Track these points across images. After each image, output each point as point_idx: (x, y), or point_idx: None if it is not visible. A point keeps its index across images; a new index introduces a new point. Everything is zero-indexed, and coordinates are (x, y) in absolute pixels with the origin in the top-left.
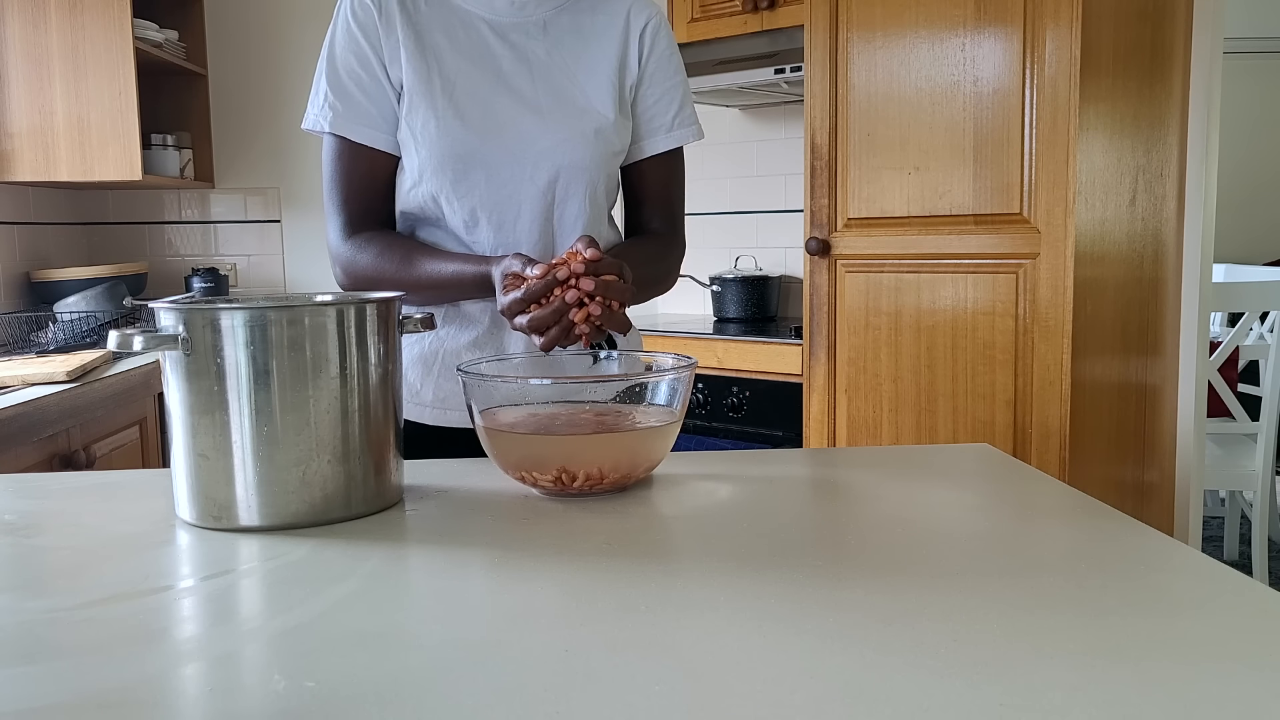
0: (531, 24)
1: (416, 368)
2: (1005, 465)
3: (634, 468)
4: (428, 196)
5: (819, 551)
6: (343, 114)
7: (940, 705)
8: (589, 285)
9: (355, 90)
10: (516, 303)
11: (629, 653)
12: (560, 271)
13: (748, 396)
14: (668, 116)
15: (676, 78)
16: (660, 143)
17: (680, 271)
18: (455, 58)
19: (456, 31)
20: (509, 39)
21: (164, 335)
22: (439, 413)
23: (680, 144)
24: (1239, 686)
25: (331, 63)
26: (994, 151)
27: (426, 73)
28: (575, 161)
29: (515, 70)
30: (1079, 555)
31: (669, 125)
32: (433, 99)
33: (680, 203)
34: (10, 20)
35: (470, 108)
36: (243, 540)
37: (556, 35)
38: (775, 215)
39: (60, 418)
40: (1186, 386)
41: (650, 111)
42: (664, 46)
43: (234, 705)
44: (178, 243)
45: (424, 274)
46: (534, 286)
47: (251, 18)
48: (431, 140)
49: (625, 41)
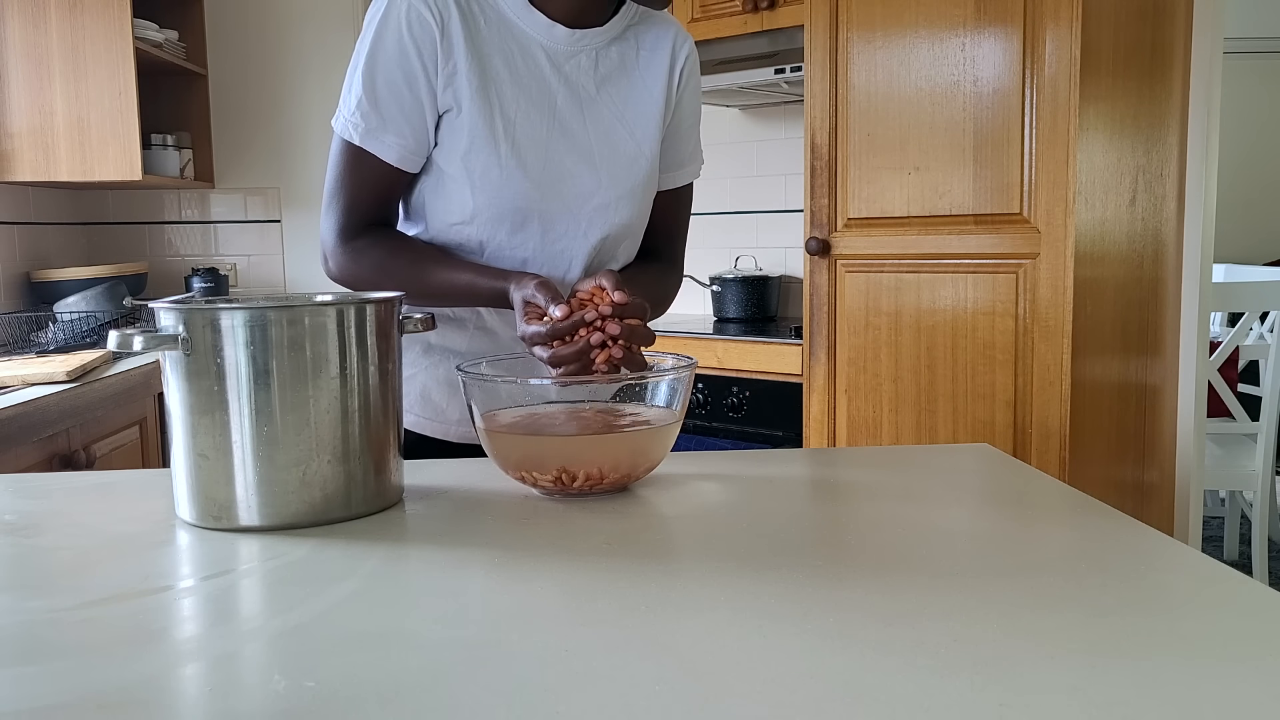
0: (584, 55)
1: (443, 389)
2: (1005, 465)
3: (634, 468)
4: (474, 239)
5: (819, 551)
6: (375, 128)
7: (940, 705)
8: (615, 330)
9: (393, 106)
10: (539, 335)
11: (629, 653)
12: (588, 314)
13: (748, 396)
14: (686, 151)
15: (699, 112)
16: (677, 177)
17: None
18: (515, 92)
19: (515, 59)
20: (563, 70)
21: (164, 335)
22: (464, 430)
23: (694, 178)
24: (1239, 686)
25: (371, 70)
26: (994, 151)
27: (489, 111)
28: (626, 220)
29: (569, 109)
30: (1079, 555)
31: (685, 160)
32: (495, 144)
33: (683, 235)
34: (10, 20)
35: (532, 157)
36: (243, 540)
37: (605, 70)
38: (775, 215)
39: (60, 418)
40: (1186, 386)
41: (672, 145)
42: (696, 81)
43: (234, 705)
44: (178, 243)
45: (435, 281)
46: (559, 327)
47: (251, 18)
48: (493, 189)
49: (670, 77)
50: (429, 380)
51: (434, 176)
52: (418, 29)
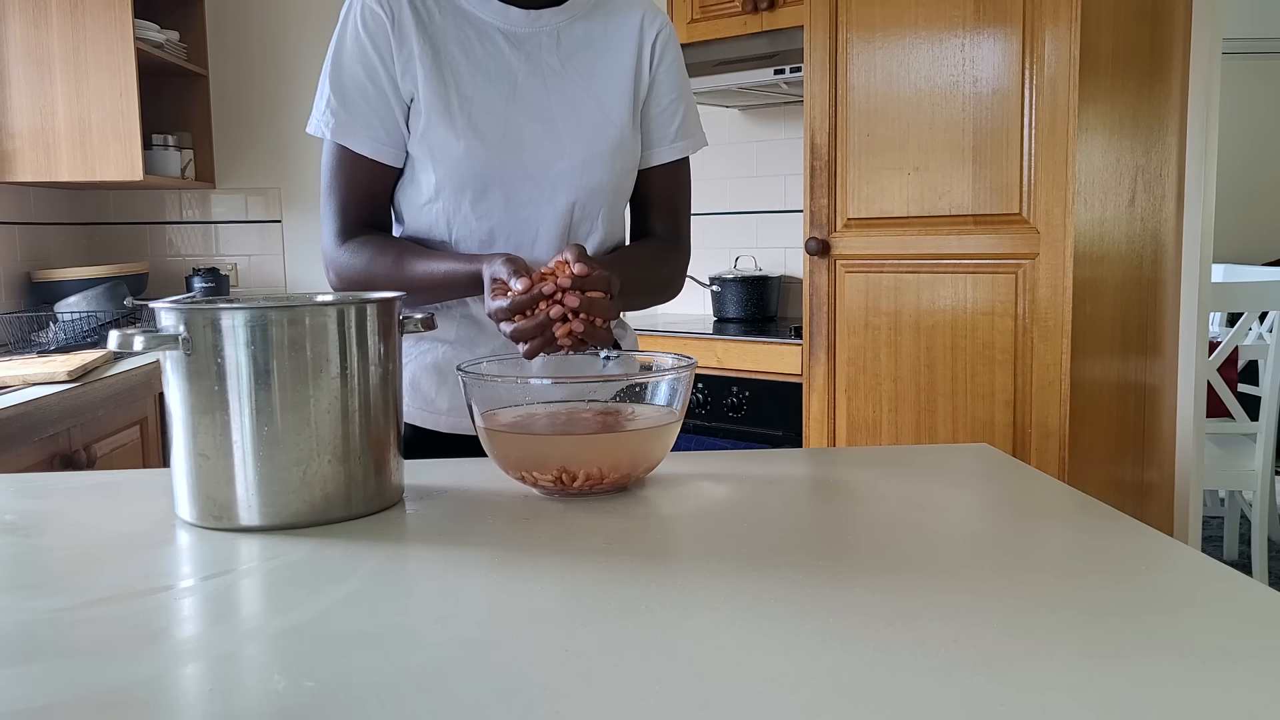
0: (545, 34)
1: (431, 377)
2: (1005, 465)
3: (634, 468)
4: (441, 216)
5: (819, 551)
6: (345, 123)
7: (940, 705)
8: (573, 302)
9: (359, 100)
10: (501, 311)
11: (629, 653)
12: (545, 286)
13: (748, 396)
14: (673, 126)
15: (683, 88)
16: (665, 153)
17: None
18: (472, 72)
19: (472, 43)
20: (524, 49)
21: (164, 335)
22: (454, 420)
23: (684, 154)
24: (1239, 686)
25: (337, 69)
26: (993, 152)
27: (443, 89)
28: (594, 184)
29: (531, 84)
30: (1079, 555)
31: (673, 135)
32: (451, 118)
33: (685, 211)
34: (11, 20)
35: (489, 127)
36: (243, 540)
37: (570, 46)
38: (775, 215)
39: (61, 418)
40: (1186, 386)
41: (656, 121)
42: (673, 56)
43: (234, 705)
44: (178, 243)
45: (417, 274)
46: (518, 300)
47: (252, 18)
48: (452, 160)
49: (639, 51)
50: (418, 369)
51: (407, 170)
52: (371, 24)
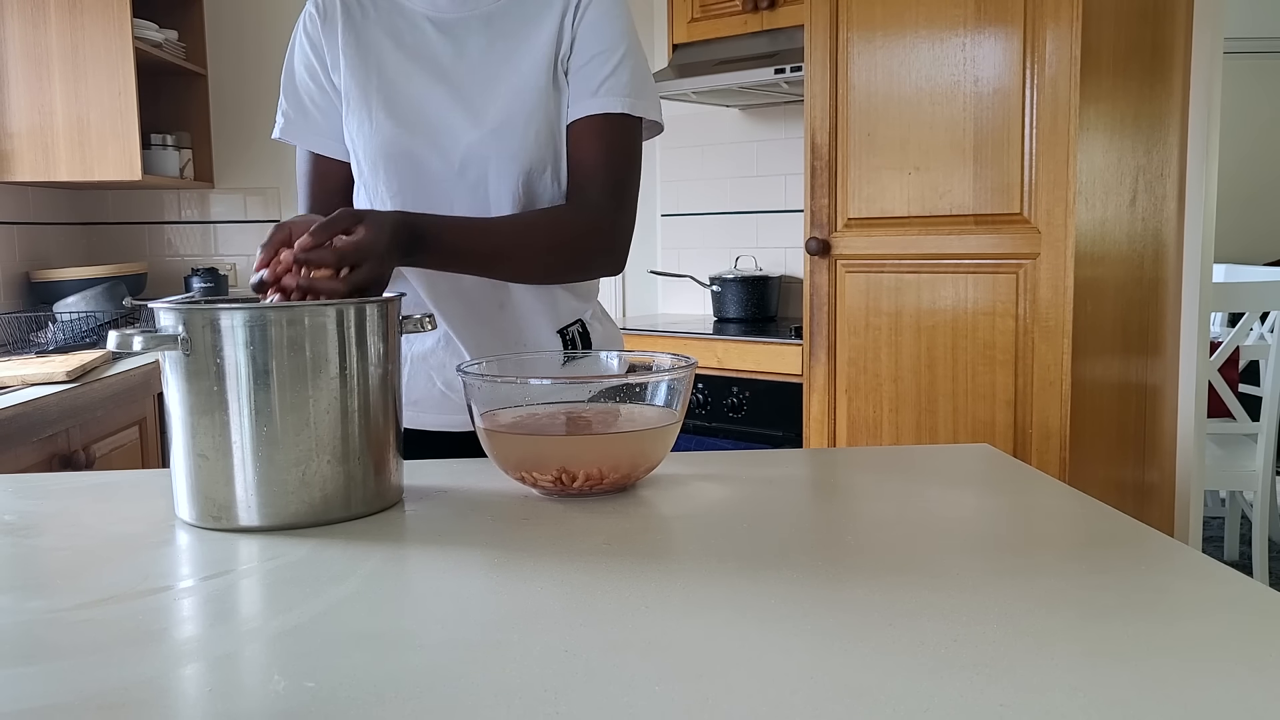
0: (474, 18)
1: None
2: (1005, 465)
3: (634, 468)
4: (365, 201)
5: (819, 551)
6: (293, 121)
7: (940, 705)
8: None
9: (305, 99)
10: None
11: (629, 653)
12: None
13: (748, 396)
14: (594, 81)
15: (609, 44)
16: (583, 107)
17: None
18: (397, 57)
19: (401, 32)
20: (452, 33)
21: (164, 335)
22: (413, 414)
23: (603, 110)
24: (1239, 686)
25: (288, 73)
26: (994, 151)
27: (365, 74)
28: (507, 153)
29: (455, 65)
30: (1079, 555)
31: (594, 90)
32: (367, 99)
33: (614, 175)
34: (10, 20)
35: (402, 106)
36: (242, 540)
37: (500, 26)
38: (775, 215)
39: (60, 418)
40: (1187, 387)
41: (577, 75)
42: (596, 12)
43: (234, 705)
44: (177, 243)
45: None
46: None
47: (251, 18)
48: (365, 139)
49: (563, 13)
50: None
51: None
52: (309, 25)
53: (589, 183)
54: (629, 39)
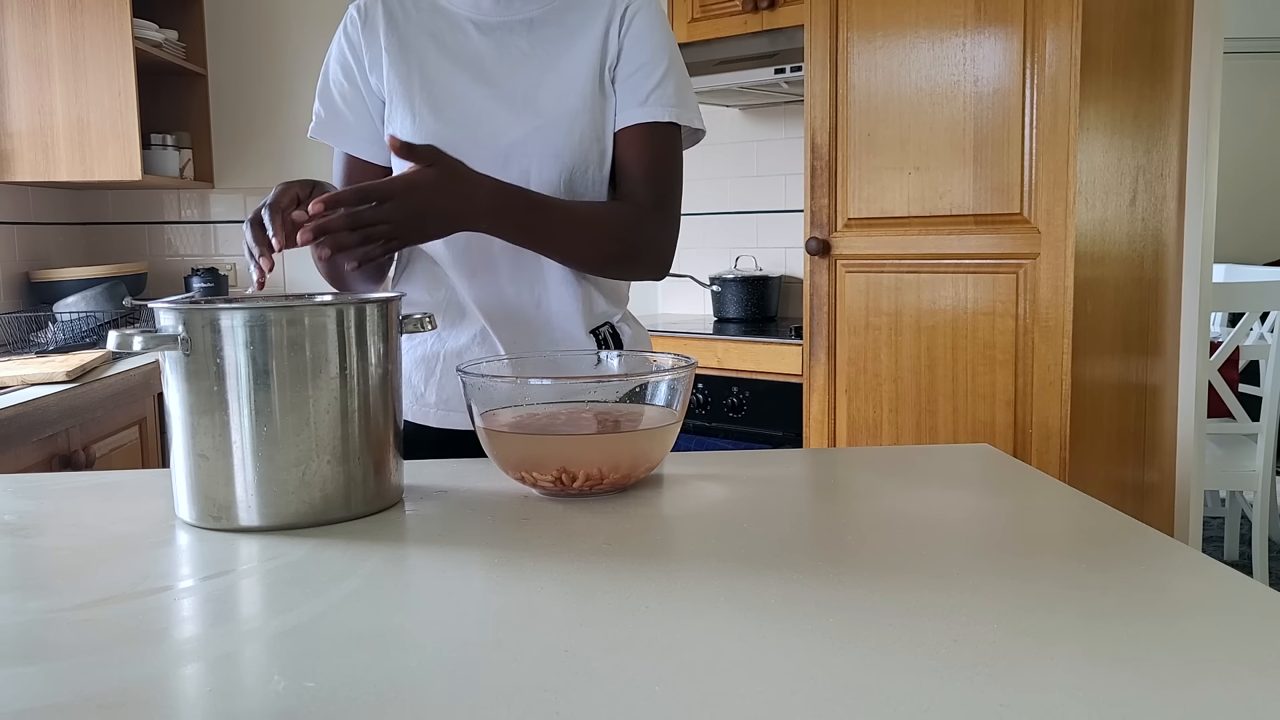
0: (517, 22)
1: (419, 370)
2: (1005, 465)
3: (634, 468)
4: None
5: (819, 551)
6: (325, 122)
7: (940, 705)
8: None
9: (339, 100)
10: None
11: (629, 653)
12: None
13: (748, 396)
14: (642, 91)
15: (656, 55)
16: (631, 115)
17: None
18: (439, 58)
19: (443, 34)
20: (494, 36)
21: (164, 335)
22: (443, 414)
23: (652, 119)
24: (1239, 686)
25: (325, 74)
26: (994, 151)
27: (407, 75)
28: (549, 151)
29: (497, 67)
30: (1079, 555)
31: (642, 99)
32: (410, 99)
33: (661, 181)
34: (10, 20)
35: (446, 104)
36: (242, 540)
37: (543, 31)
38: (775, 215)
39: (60, 418)
40: (1187, 387)
41: (624, 85)
42: (642, 24)
43: (234, 705)
44: (177, 243)
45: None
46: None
47: (251, 18)
48: (409, 134)
49: (609, 21)
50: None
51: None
52: (349, 27)
53: (638, 187)
54: (671, 48)
